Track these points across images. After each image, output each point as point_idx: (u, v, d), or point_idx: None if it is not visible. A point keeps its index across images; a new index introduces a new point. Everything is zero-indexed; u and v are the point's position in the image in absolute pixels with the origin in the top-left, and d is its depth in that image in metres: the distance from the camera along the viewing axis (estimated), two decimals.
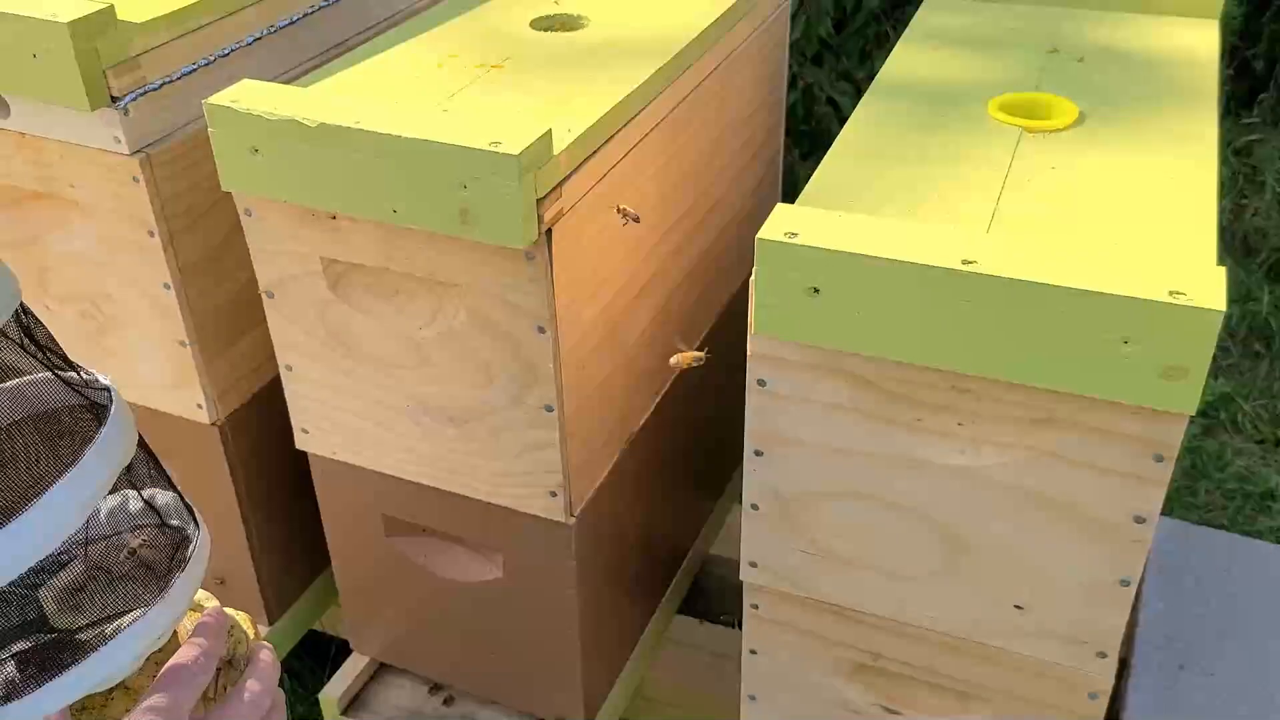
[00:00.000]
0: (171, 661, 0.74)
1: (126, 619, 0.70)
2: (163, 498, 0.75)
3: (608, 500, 1.41)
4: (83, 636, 0.69)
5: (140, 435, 0.73)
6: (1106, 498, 1.02)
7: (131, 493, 0.74)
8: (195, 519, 0.76)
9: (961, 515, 1.09)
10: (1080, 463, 1.02)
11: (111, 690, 0.78)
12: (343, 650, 1.66)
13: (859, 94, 3.17)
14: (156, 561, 0.73)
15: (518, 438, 1.27)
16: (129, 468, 0.72)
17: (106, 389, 0.72)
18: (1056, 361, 0.95)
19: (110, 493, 0.71)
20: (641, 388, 1.46)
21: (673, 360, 1.32)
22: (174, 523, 0.75)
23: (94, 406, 0.70)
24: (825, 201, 1.13)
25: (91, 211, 1.36)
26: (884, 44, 3.12)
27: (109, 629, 0.70)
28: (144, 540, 0.73)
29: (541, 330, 1.18)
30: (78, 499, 0.66)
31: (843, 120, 3.14)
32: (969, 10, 1.53)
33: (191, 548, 0.75)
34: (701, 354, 1.31)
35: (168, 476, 0.77)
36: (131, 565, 0.72)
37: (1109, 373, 0.94)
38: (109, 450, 0.69)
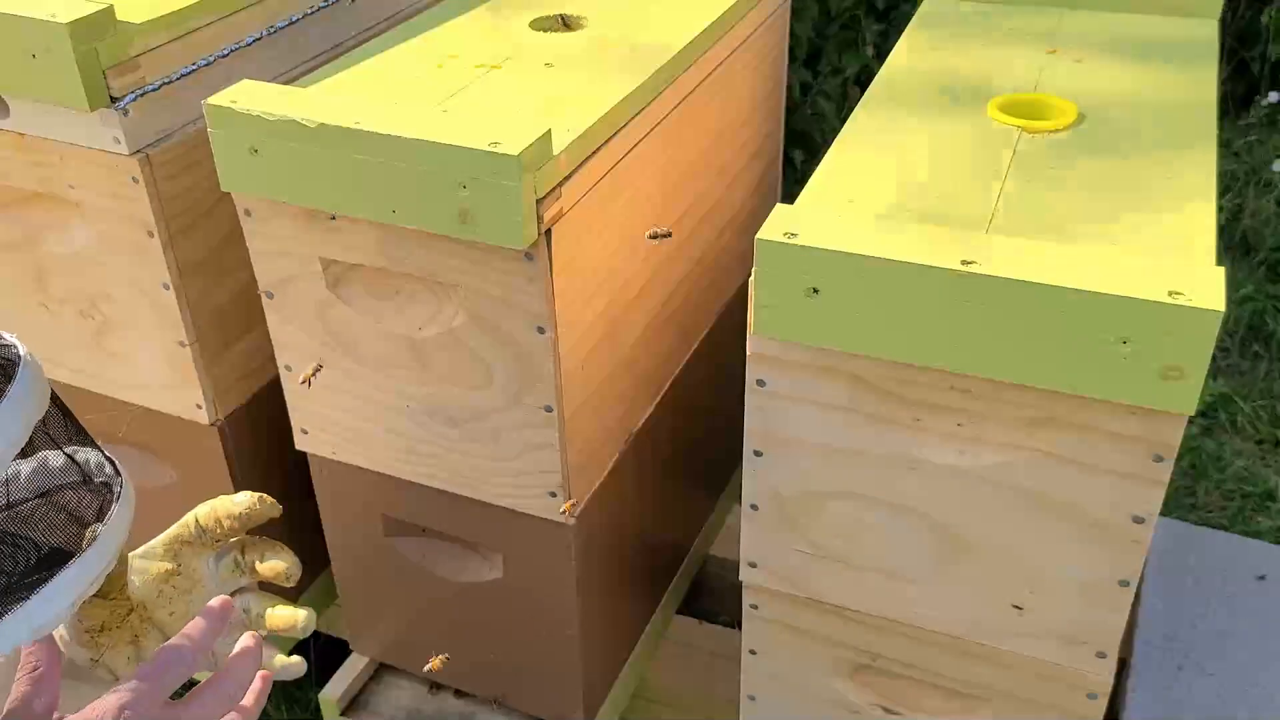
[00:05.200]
0: (165, 646, 0.79)
1: (59, 568, 0.73)
2: (83, 454, 0.78)
3: (608, 500, 1.41)
4: (19, 586, 0.72)
5: (55, 394, 0.76)
6: (1105, 498, 1.02)
7: (53, 452, 0.76)
8: (118, 471, 0.79)
9: (961, 515, 1.09)
10: (1079, 463, 1.02)
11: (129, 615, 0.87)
12: (343, 650, 1.66)
13: (844, 93, 3.18)
14: (83, 513, 0.76)
15: (517, 438, 1.27)
16: (46, 424, 0.74)
17: (13, 346, 0.74)
18: (1056, 362, 0.95)
19: (31, 454, 0.74)
20: (641, 388, 1.46)
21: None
22: (98, 479, 0.78)
23: (2, 365, 0.72)
24: (825, 202, 1.13)
25: (91, 212, 1.37)
26: (869, 42, 3.12)
27: (43, 579, 0.72)
28: (69, 494, 0.76)
29: (541, 330, 1.18)
30: None
31: (828, 119, 3.16)
32: (968, 10, 1.53)
33: (116, 497, 0.78)
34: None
35: (86, 433, 0.80)
36: (60, 518, 0.75)
37: (1108, 373, 0.94)
38: (20, 405, 0.71)
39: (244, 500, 0.93)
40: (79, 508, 0.76)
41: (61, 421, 0.77)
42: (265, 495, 0.94)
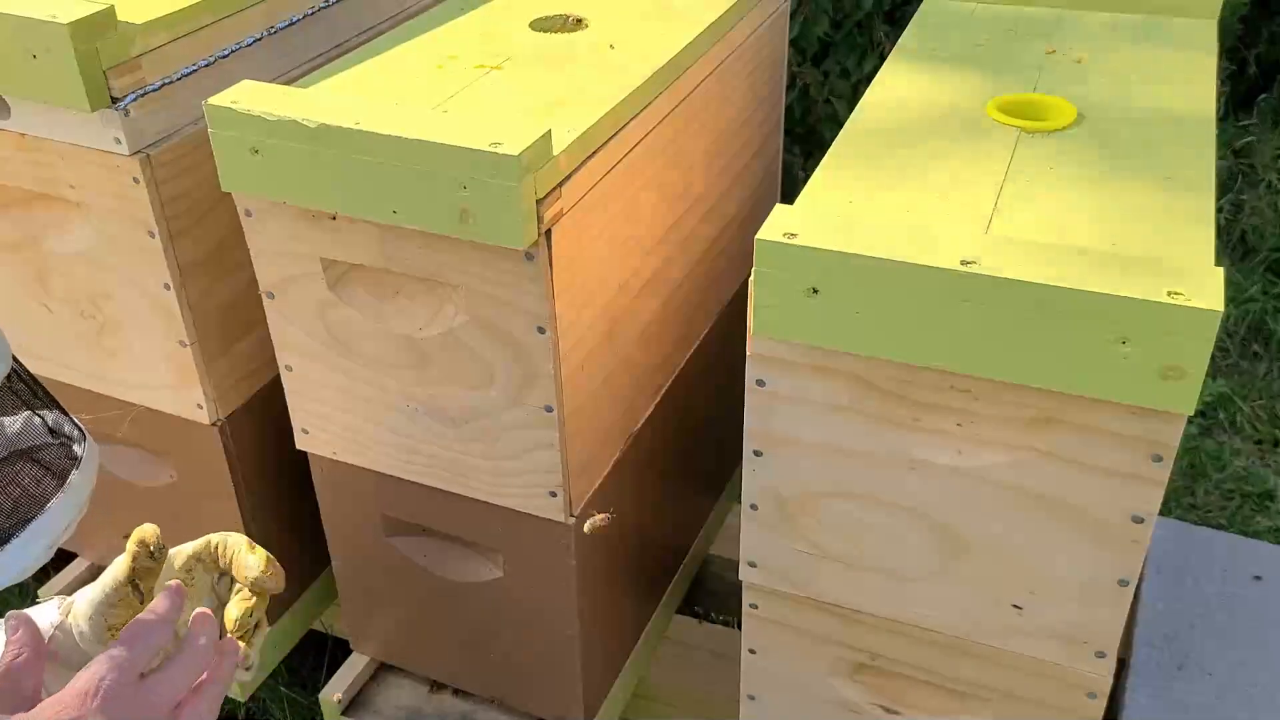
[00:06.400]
0: (133, 621, 0.84)
1: (33, 517, 0.79)
2: (49, 415, 0.83)
3: (608, 500, 1.41)
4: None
5: (18, 360, 0.81)
6: (1105, 498, 1.02)
7: (22, 412, 0.82)
8: (81, 430, 0.85)
9: (960, 515, 1.10)
10: (1078, 463, 1.02)
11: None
12: (343, 650, 1.66)
13: (856, 94, 3.18)
14: (53, 466, 0.81)
15: (518, 438, 1.27)
16: (11, 384, 0.80)
17: None
18: (1055, 362, 0.95)
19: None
20: (641, 387, 1.46)
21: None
22: (61, 435, 0.83)
23: None
24: (824, 202, 1.13)
25: (92, 212, 1.37)
26: (880, 44, 3.12)
27: (18, 526, 0.78)
28: (38, 451, 0.81)
29: (541, 330, 1.18)
30: None
31: (840, 120, 3.15)
32: (968, 10, 1.54)
33: (81, 451, 0.83)
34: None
35: (51, 397, 0.85)
36: (31, 472, 0.80)
37: (1107, 373, 0.94)
38: None
39: (257, 566, 0.95)
40: (48, 462, 0.81)
41: (24, 383, 0.82)
42: (278, 568, 0.96)
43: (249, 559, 0.96)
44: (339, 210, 1.18)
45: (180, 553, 0.97)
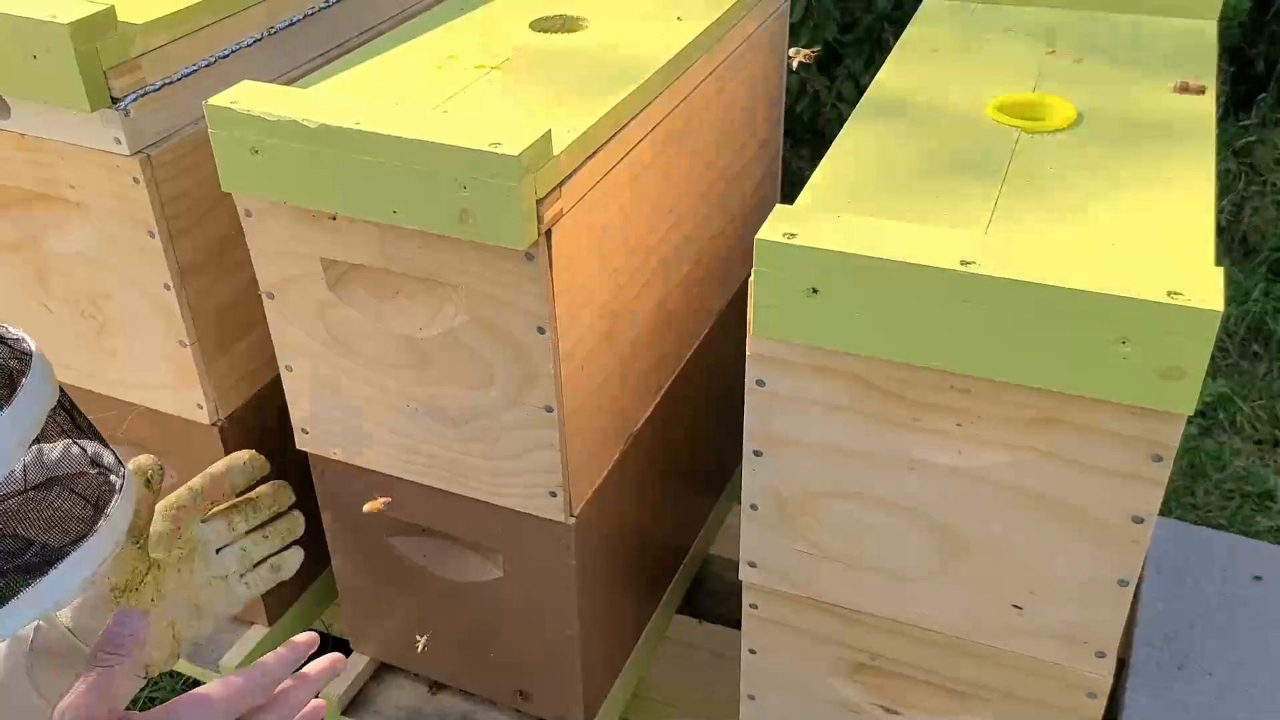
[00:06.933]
0: (260, 661, 0.86)
1: (71, 548, 0.79)
2: (90, 446, 0.84)
3: (608, 500, 1.41)
4: (35, 564, 0.77)
5: (63, 389, 0.82)
6: (1105, 498, 1.02)
7: (63, 441, 0.82)
8: (119, 460, 0.85)
9: (960, 515, 1.10)
10: (1078, 463, 1.02)
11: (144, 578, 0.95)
12: (343, 650, 1.66)
13: (859, 96, 3.18)
14: (91, 499, 0.82)
15: (518, 438, 1.27)
16: (55, 415, 0.80)
17: (23, 339, 0.81)
18: (1055, 362, 0.95)
19: (42, 442, 0.79)
20: (641, 388, 1.46)
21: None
22: (101, 465, 0.84)
23: (18, 356, 0.79)
24: (824, 202, 1.13)
25: (92, 212, 1.37)
26: (887, 46, 3.12)
27: (55, 558, 0.78)
28: (78, 480, 0.82)
29: (541, 330, 1.18)
30: (14, 435, 0.75)
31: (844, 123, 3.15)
32: (967, 11, 1.54)
33: (119, 485, 0.83)
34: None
35: (92, 426, 0.85)
36: (69, 504, 0.80)
37: (1107, 373, 0.94)
38: (36, 395, 0.77)
39: (221, 462, 0.97)
40: (87, 493, 0.81)
41: (68, 413, 0.82)
42: (252, 454, 0.99)
43: (218, 467, 0.96)
44: (339, 210, 1.18)
45: (161, 505, 0.97)
